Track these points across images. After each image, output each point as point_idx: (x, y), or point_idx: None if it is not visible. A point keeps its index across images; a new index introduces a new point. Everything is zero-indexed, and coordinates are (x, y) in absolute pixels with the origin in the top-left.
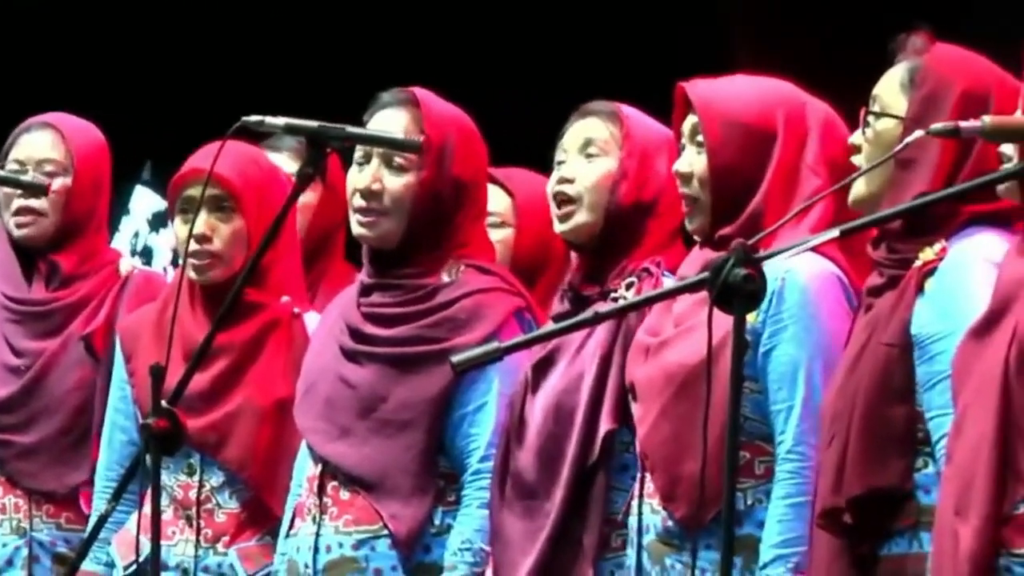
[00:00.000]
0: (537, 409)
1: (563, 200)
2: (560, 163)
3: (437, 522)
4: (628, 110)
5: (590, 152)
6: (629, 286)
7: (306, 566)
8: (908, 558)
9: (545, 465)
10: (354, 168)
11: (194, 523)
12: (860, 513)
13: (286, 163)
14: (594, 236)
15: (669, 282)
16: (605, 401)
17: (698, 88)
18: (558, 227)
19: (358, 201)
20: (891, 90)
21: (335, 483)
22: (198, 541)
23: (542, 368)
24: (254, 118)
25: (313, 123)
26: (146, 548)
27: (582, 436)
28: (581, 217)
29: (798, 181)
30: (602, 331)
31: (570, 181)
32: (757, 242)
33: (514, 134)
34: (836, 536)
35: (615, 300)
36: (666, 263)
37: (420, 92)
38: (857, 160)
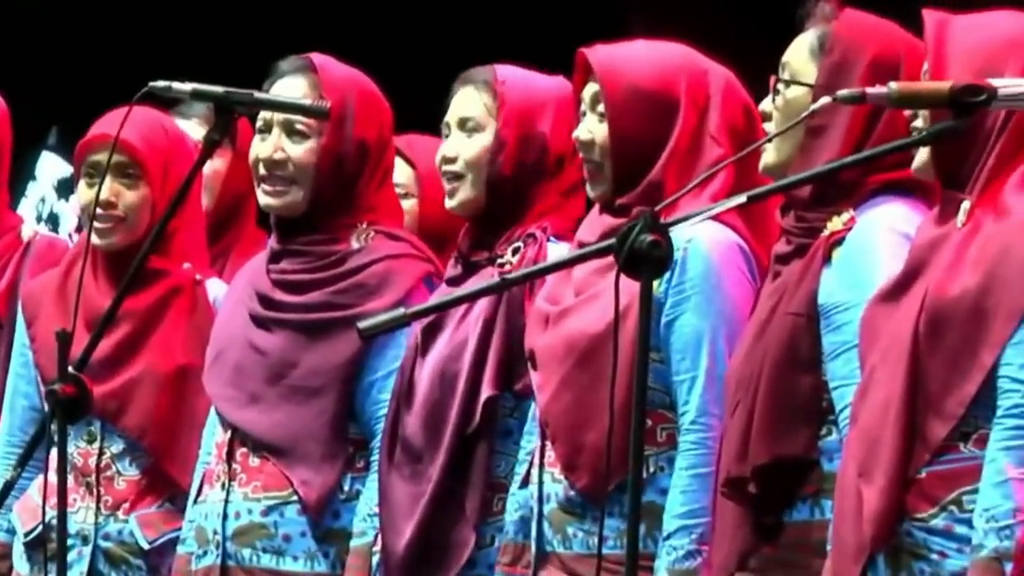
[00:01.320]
0: (424, 374)
1: (450, 177)
2: (446, 136)
3: (346, 488)
4: (505, 74)
5: (468, 127)
6: (515, 251)
7: (215, 532)
8: (811, 525)
9: (430, 430)
10: (256, 138)
11: (94, 490)
12: (765, 482)
13: (195, 129)
14: (481, 208)
15: (554, 247)
16: (487, 367)
17: (599, 54)
18: (447, 202)
19: (262, 170)
20: (801, 57)
21: (244, 449)
22: (98, 508)
23: (430, 333)
24: (161, 83)
25: (220, 89)
26: (49, 514)
27: (464, 402)
28: (465, 193)
29: (700, 149)
30: (485, 298)
31: (452, 160)
32: (660, 210)
33: (414, 101)
34: (740, 505)
35: (501, 266)
36: (555, 227)
37: (318, 58)
38: (769, 128)
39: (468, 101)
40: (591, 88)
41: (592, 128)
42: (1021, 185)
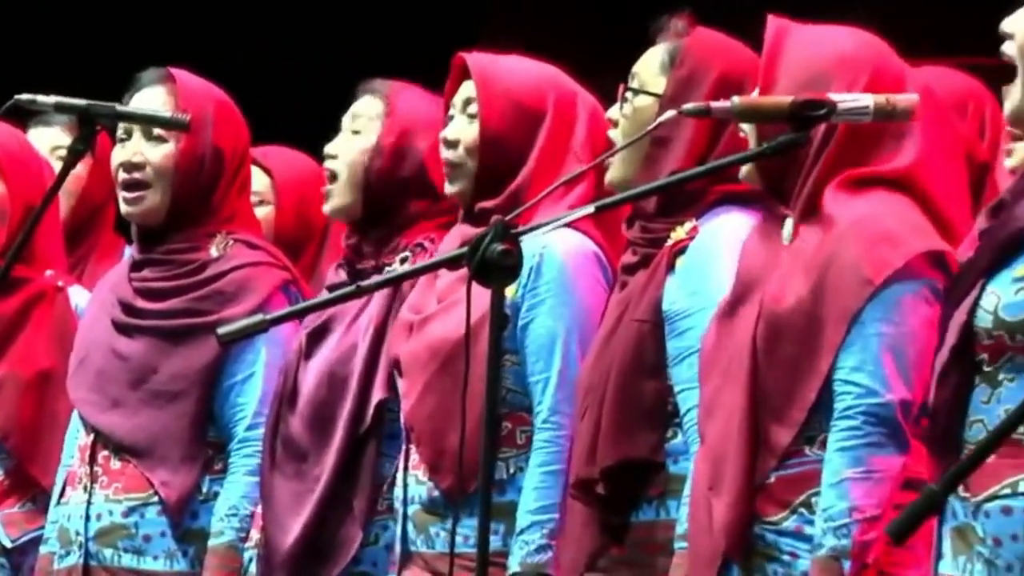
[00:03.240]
0: (310, 376)
1: (328, 176)
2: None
3: (205, 489)
4: (402, 88)
5: (355, 128)
6: (403, 261)
7: (77, 533)
8: (657, 525)
9: (316, 430)
10: (117, 146)
11: None
12: (613, 483)
13: (59, 136)
14: (356, 213)
15: None
16: (378, 372)
17: (477, 59)
18: (324, 206)
19: (122, 175)
20: (651, 69)
21: (106, 452)
22: None
23: (316, 337)
24: (26, 96)
25: (83, 102)
26: None
27: (355, 404)
28: (337, 198)
29: (563, 163)
30: (376, 304)
31: (333, 157)
32: (516, 216)
33: (270, 113)
34: (589, 506)
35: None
36: (441, 238)
37: (176, 70)
38: (614, 134)
39: (362, 104)
40: (464, 91)
41: (461, 128)
42: (841, 196)
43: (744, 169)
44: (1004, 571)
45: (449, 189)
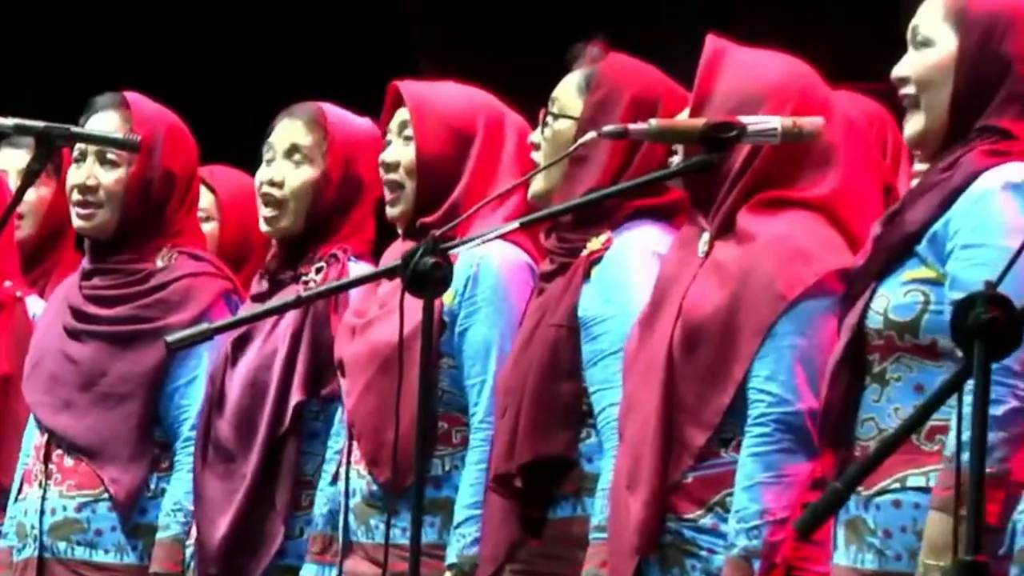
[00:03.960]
0: (235, 382)
1: (270, 201)
2: (269, 161)
3: (152, 486)
4: (332, 114)
5: (296, 158)
6: (319, 271)
7: (33, 527)
8: (573, 520)
9: (242, 433)
10: (72, 167)
11: None
12: (530, 478)
13: (25, 158)
14: (297, 233)
15: (355, 267)
16: (296, 375)
17: (411, 87)
18: (263, 227)
19: (76, 196)
20: (569, 93)
21: (59, 451)
22: None
23: (240, 345)
24: None
25: (41, 124)
26: None
27: (274, 407)
28: (286, 222)
29: (495, 180)
30: (292, 313)
31: (278, 185)
32: (451, 230)
33: (217, 134)
34: (508, 499)
35: (306, 283)
36: (355, 248)
37: (129, 95)
38: (536, 156)
39: (298, 132)
40: (399, 116)
41: (398, 151)
42: (758, 214)
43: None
44: (893, 561)
45: (391, 213)
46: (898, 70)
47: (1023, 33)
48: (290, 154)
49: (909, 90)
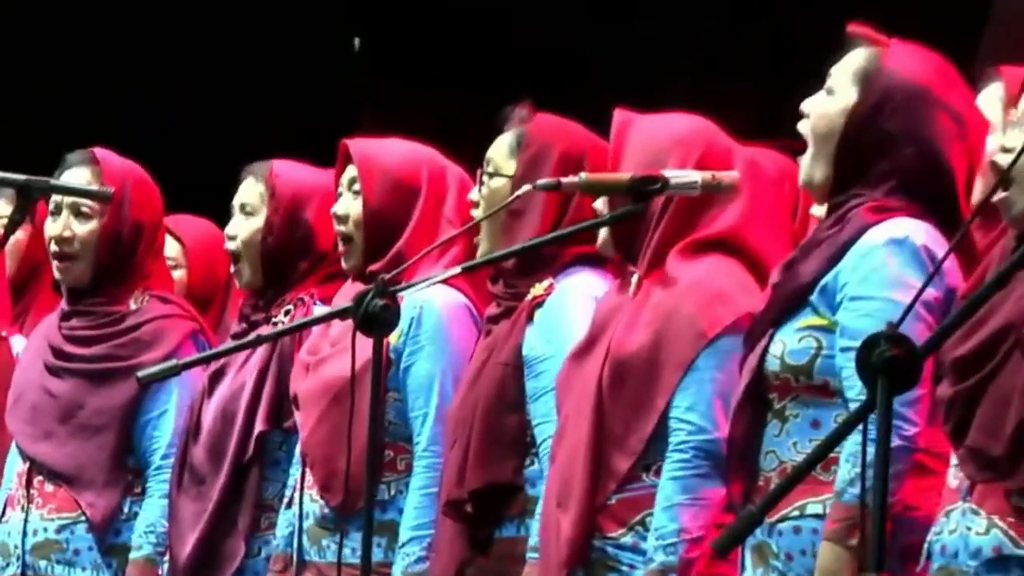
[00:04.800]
0: (209, 412)
1: (229, 254)
2: (233, 218)
3: (126, 510)
4: (280, 168)
5: (246, 211)
6: (287, 313)
7: (16, 547)
8: (517, 540)
9: (213, 459)
10: (49, 219)
11: None
12: (479, 503)
13: (4, 207)
14: (259, 282)
15: (320, 310)
16: (260, 407)
17: (358, 144)
18: (237, 280)
19: (53, 247)
20: (501, 154)
21: (40, 477)
22: None
23: (216, 378)
24: None
25: (21, 176)
26: None
27: (241, 435)
28: (244, 275)
29: (438, 228)
30: (261, 350)
31: (232, 238)
32: (398, 275)
33: (182, 185)
34: (458, 522)
35: (275, 324)
36: (320, 293)
37: (99, 151)
38: (476, 213)
39: (248, 188)
40: (349, 172)
41: (348, 205)
42: (681, 257)
43: (600, 240)
44: None
45: (344, 265)
46: (804, 105)
47: (916, 113)
48: (242, 209)
49: (805, 128)
